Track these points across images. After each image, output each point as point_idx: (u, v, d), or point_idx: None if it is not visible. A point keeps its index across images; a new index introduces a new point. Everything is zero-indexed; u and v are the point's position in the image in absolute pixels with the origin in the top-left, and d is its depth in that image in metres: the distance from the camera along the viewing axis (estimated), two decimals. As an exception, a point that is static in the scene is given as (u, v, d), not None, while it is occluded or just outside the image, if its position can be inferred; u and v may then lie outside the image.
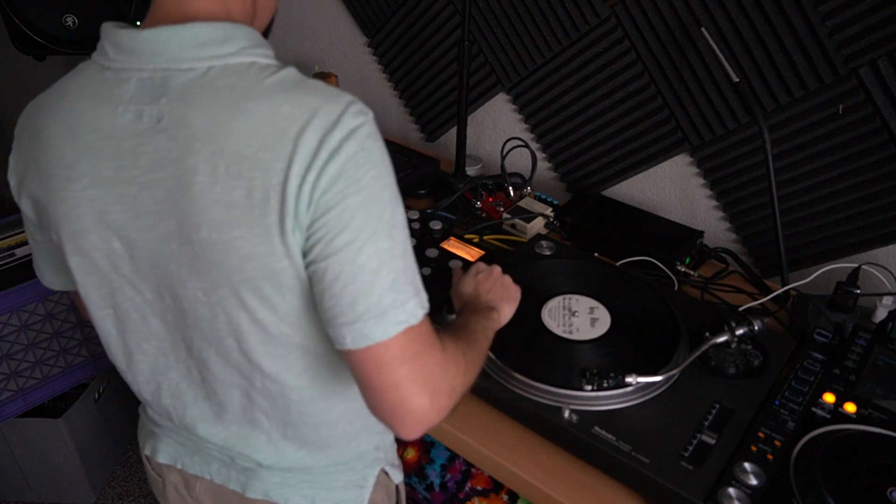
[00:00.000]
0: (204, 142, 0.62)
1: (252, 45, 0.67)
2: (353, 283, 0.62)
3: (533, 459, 0.93)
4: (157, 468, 0.95)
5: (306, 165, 0.60)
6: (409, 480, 1.24)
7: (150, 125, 0.64)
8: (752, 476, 0.81)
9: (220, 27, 0.65)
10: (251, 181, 0.61)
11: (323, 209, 0.61)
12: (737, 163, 1.33)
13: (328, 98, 0.63)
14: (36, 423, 1.75)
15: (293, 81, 0.65)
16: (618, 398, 0.91)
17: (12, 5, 1.53)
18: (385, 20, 1.76)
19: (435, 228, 1.25)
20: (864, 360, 0.96)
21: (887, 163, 1.16)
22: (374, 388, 0.65)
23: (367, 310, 0.63)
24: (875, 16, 1.07)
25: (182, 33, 0.64)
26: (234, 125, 0.62)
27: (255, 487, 0.86)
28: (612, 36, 1.38)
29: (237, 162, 0.61)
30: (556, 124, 1.56)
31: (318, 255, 0.63)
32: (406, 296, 0.64)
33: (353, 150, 0.62)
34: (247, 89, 0.63)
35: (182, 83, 0.64)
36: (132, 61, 0.65)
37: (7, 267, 1.66)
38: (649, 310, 1.07)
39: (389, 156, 0.67)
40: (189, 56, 0.64)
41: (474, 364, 0.75)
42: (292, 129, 0.61)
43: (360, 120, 0.63)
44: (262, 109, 0.62)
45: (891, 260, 1.23)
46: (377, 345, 0.63)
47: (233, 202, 0.62)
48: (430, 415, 0.66)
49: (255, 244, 0.64)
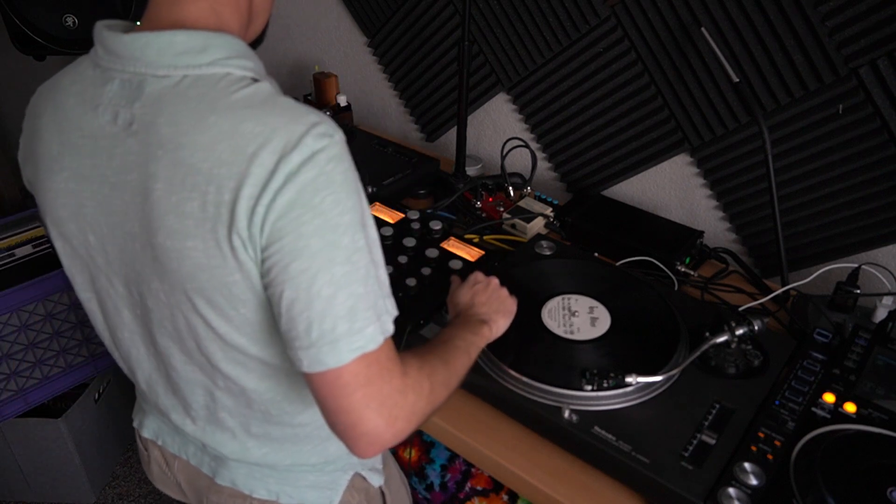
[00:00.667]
0: (166, 150, 0.63)
1: (230, 56, 0.66)
2: (308, 311, 0.62)
3: (533, 459, 0.93)
4: (143, 441, 0.99)
5: (261, 187, 0.60)
6: (409, 480, 1.24)
7: (123, 127, 0.66)
8: (752, 476, 0.81)
9: (199, 36, 0.65)
10: (205, 195, 0.62)
11: (278, 234, 0.61)
12: (737, 163, 1.33)
13: (292, 118, 0.62)
14: (36, 423, 1.75)
15: (261, 98, 0.64)
16: (618, 398, 0.91)
17: (12, 5, 1.53)
18: (385, 20, 1.76)
19: (435, 228, 1.25)
20: (864, 360, 0.96)
21: (887, 163, 1.16)
22: (329, 410, 0.66)
23: (321, 336, 0.62)
24: (875, 16, 1.08)
25: (159, 40, 0.65)
26: (196, 137, 0.62)
27: (224, 475, 0.89)
28: (612, 36, 1.38)
29: (194, 174, 0.62)
30: (556, 124, 1.56)
31: (274, 280, 0.63)
32: (364, 322, 0.64)
33: (312, 175, 0.60)
34: (213, 102, 0.63)
35: (156, 89, 0.65)
36: (116, 62, 0.67)
37: (7, 267, 1.66)
38: (649, 310, 1.07)
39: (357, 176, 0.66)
40: (165, 63, 0.65)
41: (444, 385, 0.75)
42: (249, 148, 0.60)
43: (323, 143, 0.61)
44: (224, 124, 0.61)
45: (891, 260, 1.23)
46: (331, 370, 0.63)
47: (187, 213, 0.63)
48: (384, 437, 0.66)
49: (209, 256, 0.64)
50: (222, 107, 0.62)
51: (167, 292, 0.70)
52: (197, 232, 0.63)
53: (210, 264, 0.65)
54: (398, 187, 1.46)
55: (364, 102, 1.98)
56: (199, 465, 0.92)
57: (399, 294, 1.10)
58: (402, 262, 1.17)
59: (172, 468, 0.96)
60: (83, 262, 0.76)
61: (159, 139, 0.63)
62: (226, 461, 0.88)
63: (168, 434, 0.95)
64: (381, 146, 1.61)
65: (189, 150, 0.62)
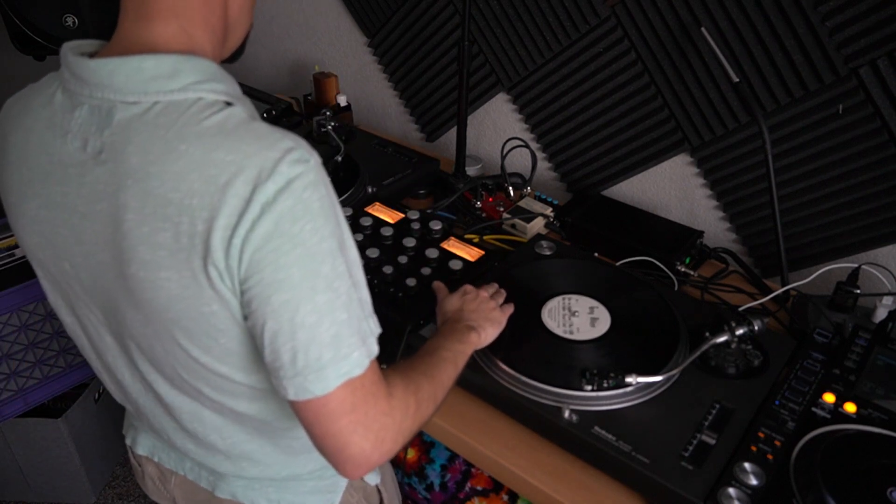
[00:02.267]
0: (135, 180, 0.61)
1: (202, 80, 0.64)
2: (292, 341, 0.62)
3: (533, 459, 0.93)
4: (137, 457, 0.98)
5: (237, 217, 0.58)
6: (409, 480, 1.24)
7: (93, 156, 0.64)
8: (752, 476, 0.81)
9: (168, 60, 0.63)
10: (178, 226, 0.60)
11: (256, 266, 0.60)
12: (737, 163, 1.33)
13: (265, 145, 0.60)
14: (36, 423, 1.75)
15: (233, 124, 0.62)
16: (618, 398, 0.91)
17: (12, 5, 1.53)
18: (385, 20, 1.76)
19: (435, 228, 1.24)
20: (864, 360, 0.96)
21: (887, 163, 1.16)
22: (316, 436, 0.66)
23: (306, 365, 0.62)
24: (875, 16, 1.07)
25: (126, 66, 0.62)
26: (166, 166, 0.60)
27: (223, 488, 0.89)
28: (612, 36, 1.38)
29: (165, 205, 0.60)
30: (556, 124, 1.56)
31: (256, 311, 0.62)
32: (349, 348, 0.63)
33: (289, 204, 0.59)
34: (182, 129, 0.61)
35: (125, 117, 0.62)
36: (84, 88, 0.64)
37: (7, 267, 1.66)
38: (649, 310, 1.07)
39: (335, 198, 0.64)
40: (134, 89, 0.62)
41: (430, 400, 0.75)
42: (222, 178, 0.58)
43: (299, 170, 0.60)
44: (195, 153, 0.60)
45: (891, 260, 1.23)
46: (317, 398, 0.63)
47: (159, 244, 0.61)
48: (372, 459, 0.66)
49: (184, 286, 0.63)
50: (193, 134, 0.60)
51: (143, 322, 0.69)
52: (170, 263, 0.62)
53: (185, 295, 0.63)
54: (398, 187, 1.46)
55: (364, 102, 1.98)
56: (198, 480, 0.91)
57: (399, 294, 1.10)
58: (402, 262, 1.17)
59: (169, 484, 0.95)
60: (61, 288, 0.75)
61: (128, 168, 0.61)
62: (225, 476, 0.88)
63: (163, 451, 0.93)
64: (381, 146, 1.61)
65: (159, 179, 0.60)
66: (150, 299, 0.65)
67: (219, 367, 0.70)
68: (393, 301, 1.08)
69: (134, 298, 0.67)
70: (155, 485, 0.98)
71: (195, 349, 0.69)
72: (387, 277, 1.13)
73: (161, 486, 0.97)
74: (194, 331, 0.67)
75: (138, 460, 0.98)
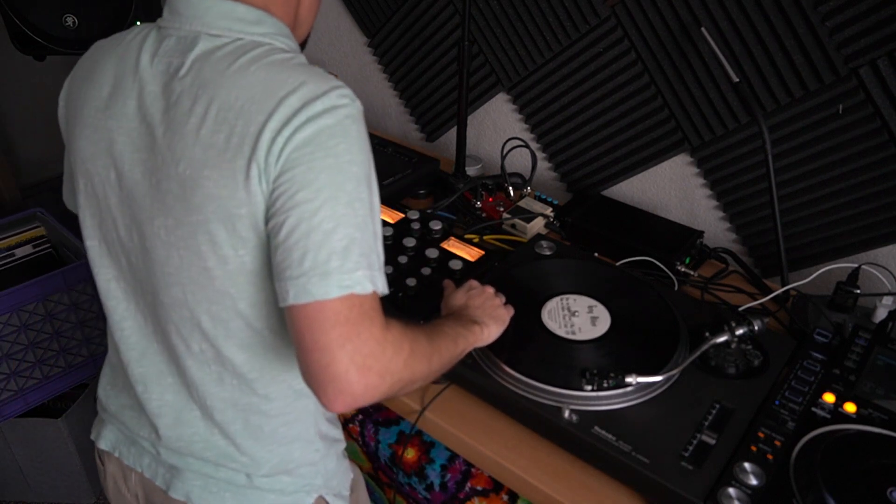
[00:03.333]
0: (205, 90, 0.70)
1: (278, 33, 0.75)
2: (306, 239, 0.65)
3: (533, 459, 0.93)
4: (100, 454, 0.97)
5: (284, 122, 0.66)
6: (409, 480, 1.24)
7: (173, 74, 0.73)
8: (752, 476, 0.81)
9: (256, 11, 0.74)
10: (233, 127, 0.68)
11: (291, 164, 0.66)
12: (737, 163, 1.33)
13: (321, 79, 0.70)
14: (36, 423, 1.75)
15: (296, 63, 0.72)
16: (618, 398, 0.91)
17: (12, 5, 1.53)
18: (385, 20, 1.76)
19: (435, 228, 1.25)
20: (864, 360, 0.96)
21: (887, 163, 1.16)
22: (305, 349, 0.66)
23: (313, 266, 0.64)
24: (875, 16, 1.08)
25: (221, 5, 0.73)
26: (236, 81, 0.69)
27: (178, 488, 0.86)
28: (612, 36, 1.38)
29: (227, 110, 0.68)
30: (556, 124, 1.56)
31: (279, 208, 0.66)
32: (355, 265, 0.66)
33: (330, 122, 0.67)
34: (256, 58, 0.71)
35: (208, 46, 0.72)
36: (175, 21, 0.75)
37: (7, 267, 1.66)
38: (649, 310, 1.07)
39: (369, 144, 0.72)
40: (221, 25, 0.73)
41: (424, 358, 0.75)
42: (281, 92, 0.67)
43: (345, 101, 0.69)
44: (261, 74, 0.69)
45: (891, 260, 1.23)
46: (315, 302, 0.64)
47: (212, 144, 0.69)
48: (354, 387, 0.65)
49: (221, 186, 0.69)
50: (263, 63, 0.70)
51: (170, 228, 0.73)
52: (216, 162, 0.68)
53: (220, 194, 0.69)
54: (398, 187, 1.46)
55: (364, 102, 1.96)
56: (153, 478, 0.88)
57: (399, 294, 1.10)
58: (402, 262, 1.17)
59: (129, 482, 0.93)
60: (97, 201, 0.80)
61: (202, 81, 0.70)
62: (181, 472, 0.85)
63: (125, 445, 0.91)
64: (381, 146, 1.61)
65: (227, 90, 0.69)
66: (188, 198, 0.71)
67: (228, 287, 0.73)
68: (393, 301, 1.08)
69: (168, 200, 0.72)
70: (115, 484, 0.95)
71: (213, 258, 0.72)
72: (387, 277, 1.12)
73: (123, 485, 0.94)
74: (219, 236, 0.71)
75: (101, 458, 0.96)
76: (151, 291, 0.79)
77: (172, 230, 0.73)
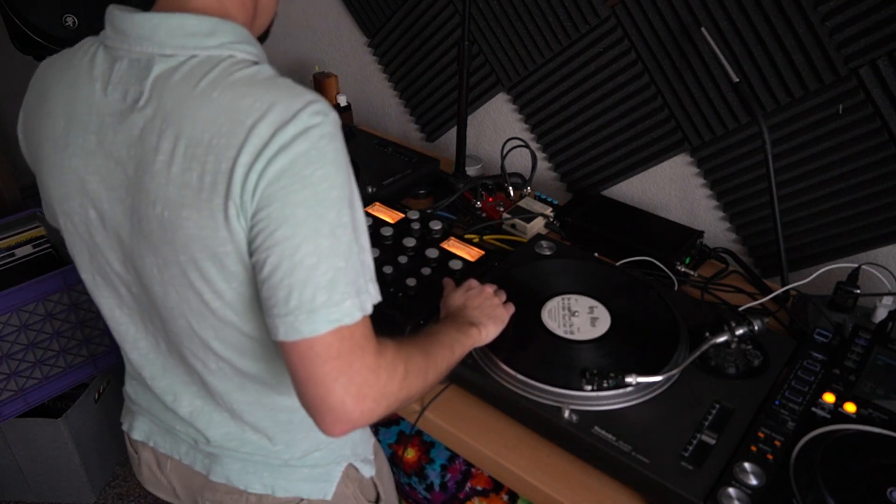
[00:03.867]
0: (169, 124, 0.66)
1: (235, 41, 0.69)
2: (290, 277, 0.64)
3: (533, 459, 0.93)
4: (133, 444, 0.99)
5: (255, 155, 0.62)
6: (409, 480, 1.24)
7: (131, 105, 0.69)
8: (752, 476, 0.81)
9: (208, 20, 0.68)
10: (204, 165, 0.64)
11: (266, 200, 0.63)
12: (737, 163, 1.33)
13: (290, 95, 0.65)
14: (36, 423, 1.75)
15: (261, 78, 0.67)
16: (618, 398, 0.91)
17: (12, 5, 1.53)
18: (385, 20, 1.76)
19: (435, 228, 1.25)
20: (864, 360, 0.96)
21: (887, 163, 1.16)
22: (300, 381, 0.66)
23: (299, 305, 0.64)
24: (875, 16, 1.07)
25: (170, 21, 0.67)
26: (199, 112, 0.65)
27: (218, 472, 0.89)
28: (612, 36, 1.38)
29: (194, 146, 0.65)
30: (556, 124, 1.56)
31: (260, 246, 0.65)
32: (342, 296, 0.65)
33: (304, 148, 0.63)
34: (216, 80, 0.66)
35: (163, 69, 0.67)
36: (125, 42, 0.69)
37: (7, 267, 1.66)
38: (649, 310, 1.07)
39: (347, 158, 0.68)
40: (174, 43, 0.67)
41: (420, 373, 0.75)
42: (248, 120, 0.63)
43: (318, 119, 0.64)
44: (225, 100, 0.64)
45: (891, 260, 1.23)
46: (305, 339, 0.64)
47: (186, 183, 0.65)
48: (352, 415, 0.66)
49: (202, 226, 0.66)
50: (224, 84, 0.65)
51: (161, 267, 0.71)
52: (193, 202, 0.65)
53: (202, 234, 0.66)
54: (398, 187, 1.46)
55: (364, 102, 1.98)
56: (192, 464, 0.92)
57: (399, 294, 1.10)
58: (402, 262, 1.17)
59: (165, 469, 0.96)
60: (83, 239, 0.78)
61: (164, 115, 0.66)
62: (219, 458, 0.89)
63: (159, 434, 0.94)
64: (381, 146, 1.61)
65: (191, 123, 0.65)
66: (171, 240, 0.68)
67: (230, 316, 0.72)
68: (393, 301, 1.08)
69: (153, 241, 0.70)
70: (151, 471, 0.98)
71: (208, 292, 0.71)
72: (387, 277, 1.13)
73: (157, 471, 0.97)
74: (209, 273, 0.69)
75: (134, 447, 0.99)
76: (158, 318, 0.78)
77: (163, 269, 0.71)
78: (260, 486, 0.88)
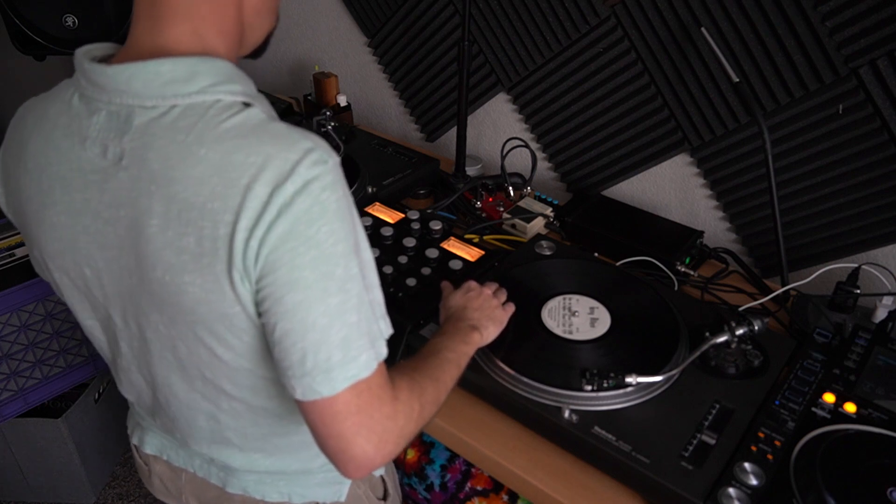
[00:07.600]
0: (158, 185, 0.62)
1: (219, 82, 0.64)
2: (302, 341, 0.62)
3: (533, 459, 0.93)
4: (143, 457, 0.98)
5: (255, 219, 0.59)
6: (409, 481, 1.24)
7: (114, 162, 0.64)
8: (752, 476, 0.81)
9: (184, 63, 0.63)
10: (201, 230, 0.61)
11: (271, 266, 0.60)
12: (737, 163, 1.33)
13: (285, 146, 0.61)
14: (36, 423, 1.75)
15: (251, 126, 0.62)
16: (618, 398, 0.91)
17: (12, 5, 1.53)
18: (385, 20, 1.76)
19: (435, 228, 1.24)
20: (864, 360, 0.96)
21: (887, 163, 1.16)
22: (321, 437, 0.66)
23: (315, 366, 0.63)
24: (875, 16, 1.07)
25: (144, 71, 0.62)
26: (187, 171, 0.61)
27: (234, 484, 0.89)
28: (612, 36, 1.38)
29: (188, 209, 0.61)
30: (556, 124, 1.56)
31: (268, 310, 0.63)
32: (358, 350, 0.64)
33: (306, 206, 0.60)
34: (202, 133, 0.61)
35: (144, 122, 0.63)
36: (101, 94, 0.65)
37: (7, 267, 1.65)
38: (649, 310, 1.07)
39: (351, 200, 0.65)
40: (152, 94, 0.63)
41: (433, 403, 0.75)
42: (242, 180, 0.59)
43: (317, 171, 0.60)
44: (214, 157, 0.60)
45: (891, 260, 1.23)
46: (323, 399, 0.64)
47: (183, 248, 0.62)
48: (374, 461, 0.66)
49: (207, 290, 0.64)
50: (212, 138, 0.61)
51: (167, 324, 0.70)
52: (194, 267, 0.63)
53: (209, 298, 0.64)
54: (398, 187, 1.46)
55: (364, 102, 1.98)
56: (208, 477, 0.92)
57: (399, 294, 1.10)
58: (402, 262, 1.17)
59: (179, 481, 0.96)
60: (81, 293, 0.76)
61: (151, 174, 0.62)
62: (236, 472, 0.89)
63: (173, 449, 0.94)
64: (381, 146, 1.61)
65: (181, 184, 0.61)
66: (176, 302, 0.66)
67: (244, 363, 0.71)
68: (393, 301, 1.08)
69: (158, 301, 0.67)
70: (163, 483, 0.98)
71: (220, 348, 0.69)
72: (387, 277, 1.13)
73: (170, 484, 0.97)
74: (219, 331, 0.68)
75: (145, 459, 0.98)
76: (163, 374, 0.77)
77: (170, 326, 0.70)
78: (277, 495, 0.89)
